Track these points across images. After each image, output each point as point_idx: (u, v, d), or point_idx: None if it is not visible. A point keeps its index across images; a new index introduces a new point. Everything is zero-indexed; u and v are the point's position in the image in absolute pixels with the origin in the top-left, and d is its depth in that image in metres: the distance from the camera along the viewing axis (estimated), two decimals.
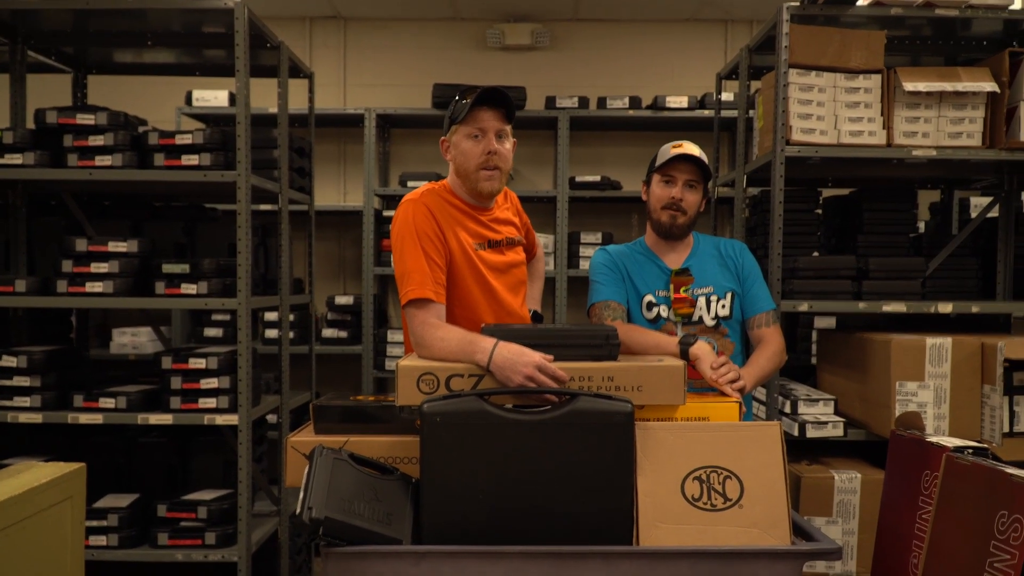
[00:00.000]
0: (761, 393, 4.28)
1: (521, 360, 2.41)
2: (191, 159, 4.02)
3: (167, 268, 4.08)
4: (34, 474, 2.35)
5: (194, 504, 4.08)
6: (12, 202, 4.52)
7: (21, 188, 4.50)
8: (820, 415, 4.11)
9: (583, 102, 6.42)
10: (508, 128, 2.95)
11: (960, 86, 4.02)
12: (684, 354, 2.90)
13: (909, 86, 4.01)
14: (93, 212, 4.79)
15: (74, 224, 4.58)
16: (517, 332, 2.52)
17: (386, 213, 6.48)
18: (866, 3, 4.14)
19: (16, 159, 4.03)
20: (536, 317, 3.32)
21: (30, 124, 4.31)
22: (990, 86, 4.02)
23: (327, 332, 6.44)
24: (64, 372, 4.19)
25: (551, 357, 2.44)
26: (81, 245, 4.06)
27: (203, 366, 4.04)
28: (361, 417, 2.49)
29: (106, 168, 4.00)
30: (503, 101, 2.91)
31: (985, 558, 2.23)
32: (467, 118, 2.89)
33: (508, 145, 2.95)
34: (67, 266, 4.04)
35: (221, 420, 3.99)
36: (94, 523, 3.96)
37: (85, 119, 4.04)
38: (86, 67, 5.06)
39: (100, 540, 3.98)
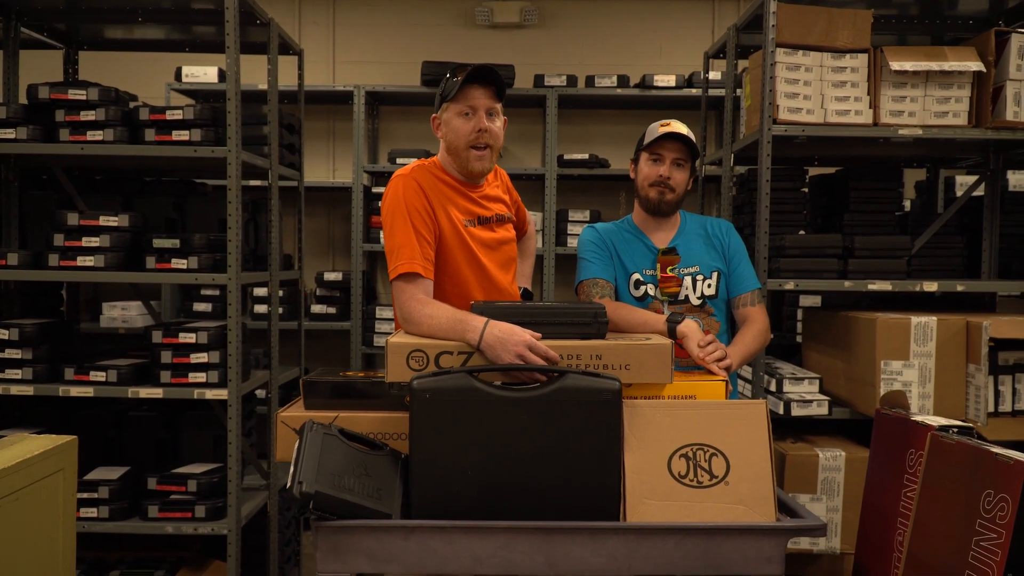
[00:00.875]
0: (747, 372, 4.29)
1: (512, 339, 2.39)
2: (182, 135, 3.99)
3: (158, 243, 4.06)
4: (26, 446, 2.34)
5: (184, 477, 4.07)
6: (5, 176, 4.49)
7: (13, 162, 4.46)
8: (805, 394, 4.12)
9: (571, 80, 6.38)
10: (499, 106, 2.92)
11: (946, 65, 4.01)
12: (672, 332, 2.89)
13: (896, 65, 4.00)
14: (84, 187, 4.75)
15: (66, 199, 4.55)
16: (506, 309, 2.51)
17: (375, 190, 6.45)
18: None
19: (9, 134, 4.00)
20: (526, 294, 3.31)
21: (23, 99, 4.28)
22: (976, 65, 4.01)
23: (316, 308, 6.42)
24: (55, 345, 4.16)
25: (540, 336, 2.43)
26: (73, 219, 4.03)
27: (193, 341, 4.03)
28: (351, 393, 2.48)
29: (97, 143, 3.97)
30: (494, 79, 2.88)
31: (971, 536, 2.23)
32: (458, 96, 2.85)
33: (499, 123, 2.93)
34: (59, 240, 4.01)
35: (211, 394, 3.98)
36: (85, 495, 3.95)
37: (77, 94, 4.01)
38: (77, 43, 5.02)
39: (91, 512, 3.97)
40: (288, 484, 2.11)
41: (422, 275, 2.74)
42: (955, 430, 2.50)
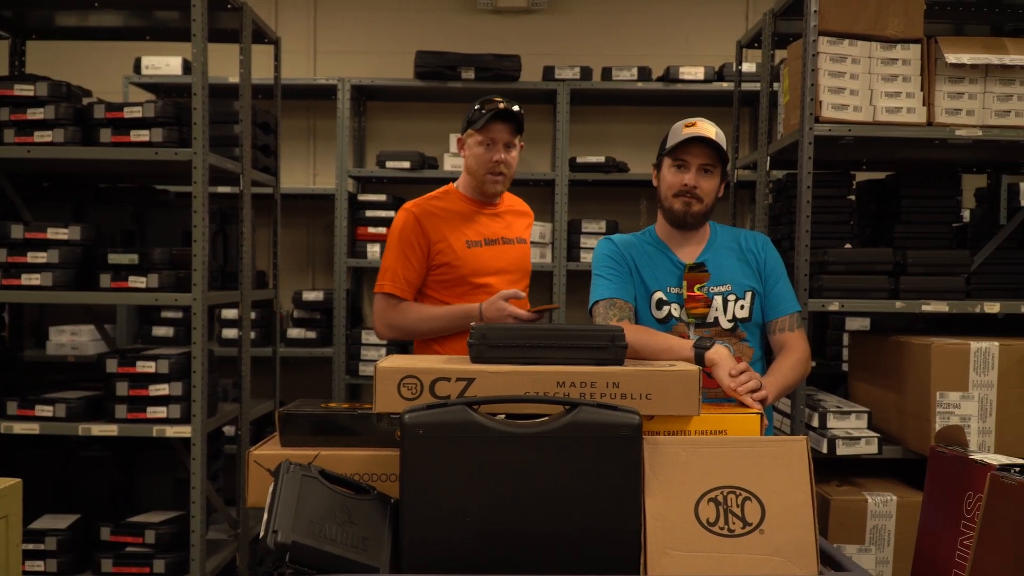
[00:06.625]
0: (785, 404, 4.29)
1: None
2: (141, 135, 4.02)
3: (113, 258, 4.08)
4: None
5: (141, 527, 4.08)
6: None
7: None
8: (852, 429, 4.13)
9: (586, 73, 6.42)
10: (516, 139, 3.77)
11: (1007, 59, 4.04)
12: (699, 359, 2.91)
13: (952, 58, 4.03)
14: (30, 194, 4.77)
15: (8, 208, 4.57)
16: (510, 332, 2.53)
17: (362, 197, 6.48)
18: None
19: None
20: None
21: None
22: None
23: (293, 332, 6.44)
24: None
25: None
26: (16, 232, 4.06)
27: (152, 370, 4.05)
28: (333, 428, 2.49)
29: (46, 145, 4.00)
30: (515, 118, 3.71)
31: None
32: (482, 128, 3.68)
33: (514, 153, 3.78)
34: (0, 255, 4.04)
35: (172, 432, 3.99)
36: (30, 546, 3.96)
37: (24, 90, 4.04)
38: (25, 32, 5.05)
39: (37, 565, 3.99)
40: (261, 534, 2.11)
41: (399, 296, 3.72)
42: (1017, 469, 2.51)
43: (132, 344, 6.04)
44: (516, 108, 3.74)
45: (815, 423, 4.18)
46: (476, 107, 3.75)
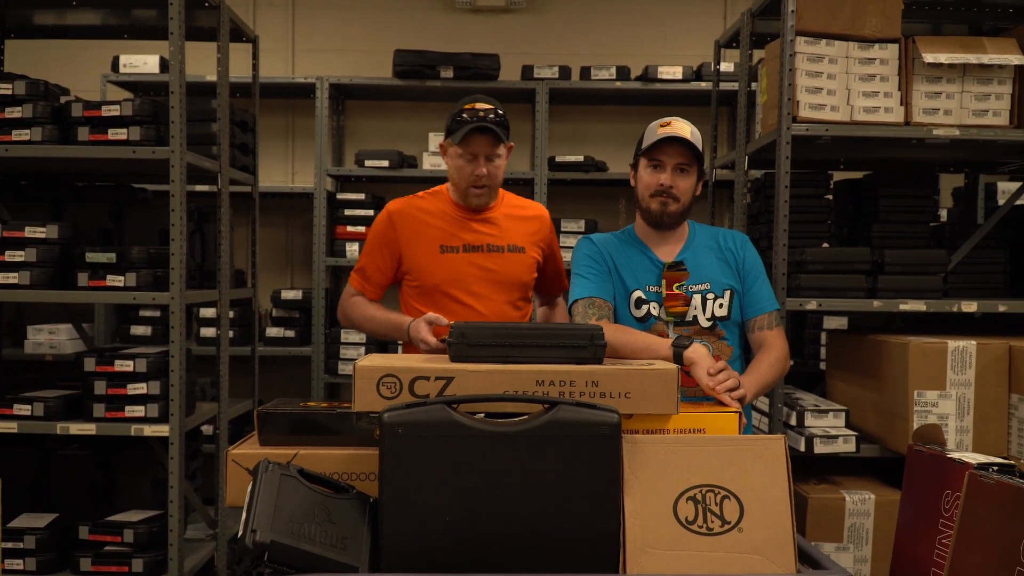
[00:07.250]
0: (763, 403, 4.31)
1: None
2: (119, 133, 4.00)
3: (91, 257, 4.06)
4: None
5: (120, 526, 4.07)
6: None
7: None
8: (830, 428, 4.14)
9: (564, 72, 6.42)
10: (499, 148, 3.51)
11: (985, 58, 4.06)
12: (678, 358, 2.90)
13: (929, 57, 4.04)
14: (8, 193, 4.76)
15: None
16: (489, 331, 2.52)
17: (340, 196, 6.46)
18: None
19: None
20: None
21: None
22: (1017, 59, 4.06)
23: (272, 331, 6.42)
24: None
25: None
26: None
27: (130, 369, 4.03)
28: (312, 427, 2.48)
29: (24, 143, 3.99)
30: (495, 130, 3.44)
31: None
32: (461, 141, 3.44)
33: (498, 162, 3.53)
34: None
35: (150, 431, 3.98)
36: (9, 545, 3.94)
37: (1, 88, 4.02)
38: (3, 31, 5.02)
39: (16, 564, 3.97)
40: (240, 533, 2.10)
41: (359, 292, 3.68)
42: (995, 468, 2.52)
43: (110, 343, 6.01)
44: (499, 112, 3.47)
45: (793, 421, 4.19)
46: (455, 112, 3.51)
